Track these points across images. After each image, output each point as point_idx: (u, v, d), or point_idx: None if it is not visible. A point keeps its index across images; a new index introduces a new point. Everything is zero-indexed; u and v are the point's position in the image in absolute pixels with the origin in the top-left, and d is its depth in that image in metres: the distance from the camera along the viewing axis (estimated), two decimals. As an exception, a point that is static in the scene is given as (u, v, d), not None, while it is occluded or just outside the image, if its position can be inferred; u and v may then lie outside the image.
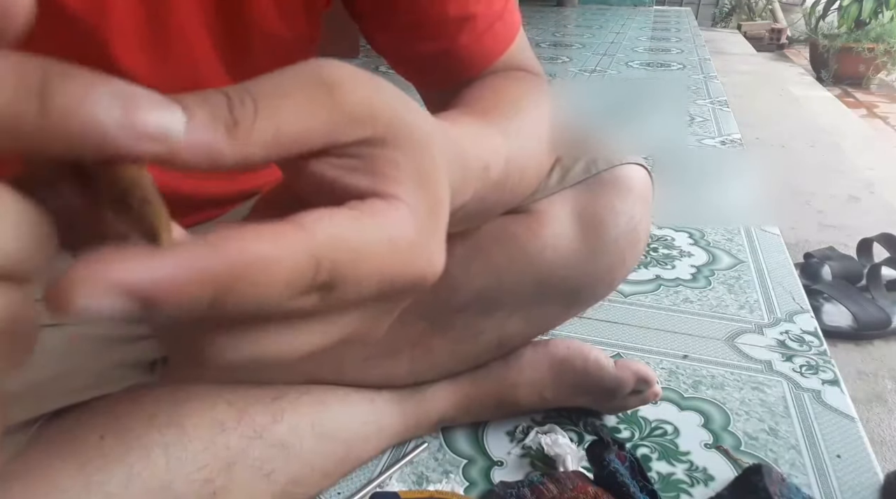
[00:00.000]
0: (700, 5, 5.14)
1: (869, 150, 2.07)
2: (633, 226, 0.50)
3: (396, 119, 0.21)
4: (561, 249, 0.49)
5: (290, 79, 0.19)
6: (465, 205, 0.28)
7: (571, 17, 4.18)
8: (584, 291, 0.53)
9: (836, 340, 1.02)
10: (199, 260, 0.15)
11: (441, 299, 0.50)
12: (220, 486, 0.44)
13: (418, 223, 0.20)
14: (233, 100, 0.18)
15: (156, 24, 0.38)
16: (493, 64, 0.46)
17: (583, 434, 0.61)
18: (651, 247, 1.03)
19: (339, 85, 0.19)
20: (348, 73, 0.20)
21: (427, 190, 0.21)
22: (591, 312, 0.81)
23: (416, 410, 0.57)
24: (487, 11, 0.44)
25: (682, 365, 0.72)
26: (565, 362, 0.58)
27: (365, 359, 0.53)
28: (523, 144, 0.37)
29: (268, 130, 0.18)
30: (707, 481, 0.57)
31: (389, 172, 0.20)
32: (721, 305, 0.86)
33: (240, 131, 0.17)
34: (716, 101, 1.97)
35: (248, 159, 0.18)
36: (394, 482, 0.56)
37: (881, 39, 3.29)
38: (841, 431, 0.63)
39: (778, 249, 1.02)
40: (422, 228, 0.20)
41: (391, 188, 0.20)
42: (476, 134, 0.31)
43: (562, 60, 2.67)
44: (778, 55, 4.02)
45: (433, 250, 0.21)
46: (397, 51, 0.47)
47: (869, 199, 1.64)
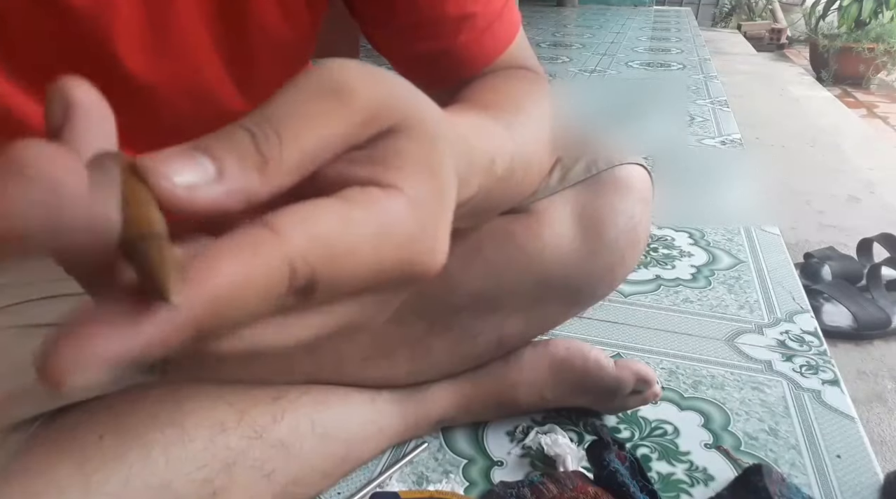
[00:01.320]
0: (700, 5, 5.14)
1: (869, 150, 2.07)
2: (633, 226, 0.50)
3: (409, 109, 0.21)
4: (561, 248, 0.49)
5: (302, 94, 0.19)
6: (471, 198, 0.27)
7: (571, 17, 4.18)
8: (584, 290, 0.53)
9: (836, 340, 1.02)
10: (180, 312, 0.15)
11: (440, 299, 0.50)
12: (220, 486, 0.44)
13: (419, 213, 0.20)
14: (257, 136, 0.18)
15: (158, 24, 0.38)
16: (492, 63, 0.46)
17: (583, 434, 0.61)
18: (651, 247, 1.03)
19: (351, 88, 0.19)
20: (357, 73, 0.20)
21: (433, 179, 0.21)
22: (591, 312, 0.81)
23: (416, 410, 0.57)
24: (486, 10, 0.44)
25: (682, 365, 0.72)
26: (565, 362, 0.58)
27: (364, 359, 0.53)
28: (527, 141, 0.37)
29: (294, 156, 0.18)
30: (707, 481, 0.57)
31: (394, 161, 0.20)
32: (721, 305, 0.86)
33: (270, 168, 0.18)
34: (716, 101, 1.97)
35: (281, 189, 0.18)
36: (394, 482, 0.56)
37: (881, 39, 3.29)
38: (841, 431, 0.63)
39: (778, 249, 1.02)
40: (423, 217, 0.20)
41: (390, 177, 0.20)
42: (482, 128, 0.30)
43: (562, 60, 2.67)
44: (778, 55, 4.02)
45: (437, 239, 0.21)
46: (397, 50, 0.47)
47: (869, 199, 1.64)
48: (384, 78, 0.21)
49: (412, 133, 0.21)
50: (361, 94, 0.19)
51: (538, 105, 0.42)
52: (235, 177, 0.17)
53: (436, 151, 0.21)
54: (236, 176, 0.17)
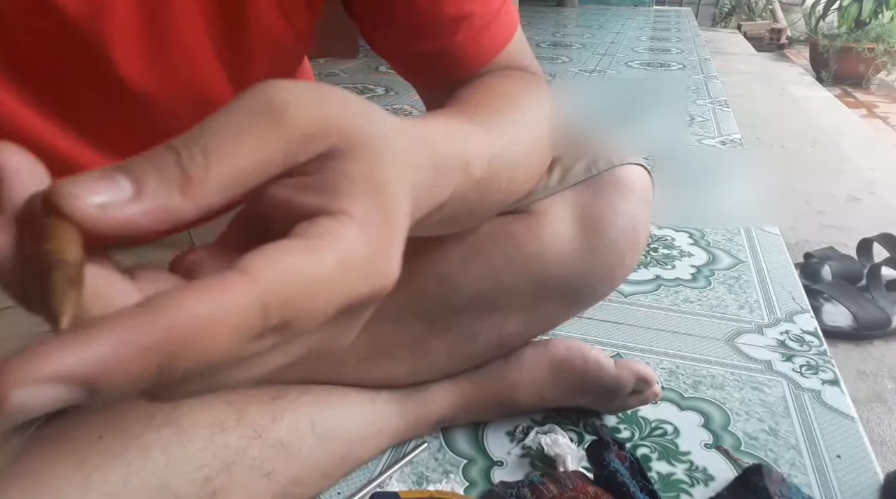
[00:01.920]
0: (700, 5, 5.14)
1: (869, 150, 2.07)
2: (634, 226, 0.50)
3: (349, 128, 0.21)
4: (561, 249, 0.49)
5: (236, 114, 0.19)
6: (444, 204, 0.27)
7: (571, 17, 4.18)
8: (584, 291, 0.53)
9: (836, 340, 1.02)
10: (138, 334, 0.15)
11: (440, 300, 0.50)
12: (219, 485, 0.44)
13: (369, 236, 0.20)
14: (182, 156, 0.18)
15: (155, 28, 0.37)
16: (491, 62, 0.46)
17: (583, 434, 0.61)
18: (651, 247, 1.02)
19: (287, 107, 0.19)
20: (294, 92, 0.20)
21: (380, 198, 0.21)
22: (591, 312, 0.81)
23: (415, 410, 0.57)
24: (484, 10, 0.44)
25: (682, 365, 0.72)
26: (565, 362, 0.58)
27: (364, 359, 0.53)
28: (513, 142, 0.36)
29: (224, 174, 0.18)
30: (707, 481, 0.57)
31: (339, 186, 0.20)
32: (721, 305, 0.86)
33: (194, 186, 0.18)
34: (716, 101, 1.97)
35: (210, 207, 0.18)
36: (394, 482, 0.56)
37: (881, 39, 3.29)
38: (841, 431, 0.62)
39: (778, 249, 1.02)
40: (374, 239, 0.20)
41: (341, 204, 0.20)
42: (457, 131, 0.30)
43: (562, 60, 2.67)
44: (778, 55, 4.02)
45: (389, 259, 0.21)
46: (395, 50, 0.47)
47: (869, 199, 1.64)
48: (325, 95, 0.21)
49: (355, 153, 0.20)
50: (297, 114, 0.19)
51: (533, 105, 0.41)
52: (155, 195, 0.17)
53: (380, 169, 0.21)
54: (155, 195, 0.17)
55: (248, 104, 0.19)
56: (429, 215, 0.26)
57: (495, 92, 0.41)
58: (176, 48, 0.39)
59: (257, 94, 0.19)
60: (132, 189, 0.17)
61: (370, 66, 2.50)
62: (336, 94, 0.21)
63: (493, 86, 0.42)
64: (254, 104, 0.19)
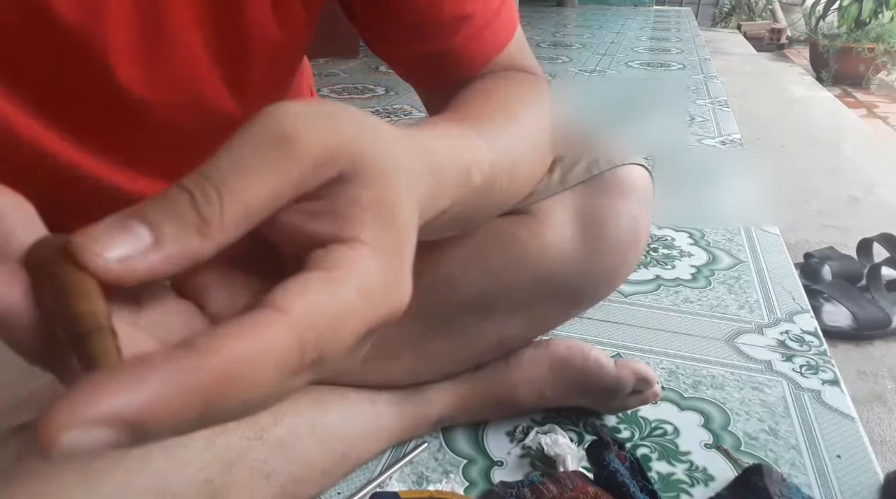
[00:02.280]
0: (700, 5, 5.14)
1: (869, 150, 2.07)
2: (635, 226, 0.50)
3: (357, 152, 0.20)
4: (562, 249, 0.49)
5: (246, 148, 0.19)
6: (444, 212, 0.27)
7: (571, 17, 4.18)
8: (585, 291, 0.53)
9: (836, 340, 1.02)
10: (184, 374, 0.15)
11: (441, 300, 0.50)
12: (220, 486, 0.44)
13: (384, 261, 0.20)
14: (196, 196, 0.18)
15: (152, 33, 0.37)
16: (490, 63, 0.46)
17: (583, 434, 0.61)
18: (651, 247, 1.03)
19: (297, 136, 0.19)
20: (303, 118, 0.20)
21: (390, 220, 0.21)
22: (591, 312, 0.81)
23: (416, 410, 0.57)
24: (483, 10, 0.44)
25: (682, 365, 0.72)
26: (565, 362, 0.58)
27: (364, 361, 0.53)
28: (513, 145, 0.36)
29: (237, 212, 0.18)
30: (707, 481, 0.57)
31: (350, 212, 0.20)
32: (721, 305, 0.86)
33: (211, 228, 0.18)
34: (716, 101, 1.97)
35: (226, 244, 0.18)
36: (394, 482, 0.56)
37: (881, 39, 3.29)
38: (841, 431, 0.63)
39: (778, 249, 1.02)
40: (388, 264, 0.20)
41: (353, 230, 0.20)
42: (457, 138, 0.30)
43: (562, 60, 2.67)
44: (778, 55, 4.02)
45: (402, 282, 0.21)
46: (394, 51, 0.47)
47: (869, 199, 1.64)
48: (335, 119, 0.21)
49: (363, 178, 0.20)
50: (307, 143, 0.19)
51: (533, 107, 0.41)
52: (174, 242, 0.17)
53: (389, 191, 0.21)
54: (174, 241, 0.17)
55: (258, 133, 0.19)
56: (430, 222, 0.26)
57: (495, 94, 0.41)
58: (174, 54, 0.39)
59: (267, 122, 0.19)
60: (150, 238, 0.17)
61: (370, 66, 2.50)
62: (342, 117, 0.21)
63: (492, 88, 0.42)
64: (263, 133, 0.19)
